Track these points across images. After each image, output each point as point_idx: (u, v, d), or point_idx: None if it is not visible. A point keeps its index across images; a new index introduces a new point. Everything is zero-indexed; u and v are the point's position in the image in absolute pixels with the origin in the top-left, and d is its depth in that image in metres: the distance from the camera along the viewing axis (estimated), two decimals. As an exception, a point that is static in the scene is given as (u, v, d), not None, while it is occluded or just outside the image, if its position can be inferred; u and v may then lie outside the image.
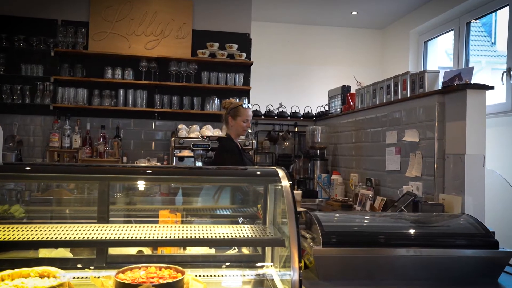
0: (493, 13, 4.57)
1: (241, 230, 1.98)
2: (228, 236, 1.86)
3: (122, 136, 4.81)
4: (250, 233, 1.94)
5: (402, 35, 5.75)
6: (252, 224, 2.42)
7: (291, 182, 2.01)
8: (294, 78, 6.01)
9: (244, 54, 4.97)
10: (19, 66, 4.61)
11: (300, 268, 1.72)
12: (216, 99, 4.94)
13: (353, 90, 4.48)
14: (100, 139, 4.61)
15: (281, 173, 2.07)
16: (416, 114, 3.01)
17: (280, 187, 2.06)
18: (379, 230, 2.00)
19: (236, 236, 1.87)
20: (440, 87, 2.85)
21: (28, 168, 1.93)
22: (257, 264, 2.09)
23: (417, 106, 3.01)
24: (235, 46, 4.98)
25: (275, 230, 2.11)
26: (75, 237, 1.66)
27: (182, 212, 2.56)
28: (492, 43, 5.79)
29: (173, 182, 2.47)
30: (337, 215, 2.43)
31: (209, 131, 4.64)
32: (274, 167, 2.14)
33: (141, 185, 2.28)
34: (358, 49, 6.25)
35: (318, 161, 4.52)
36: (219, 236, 1.85)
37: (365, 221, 2.15)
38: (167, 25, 4.93)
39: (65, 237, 1.66)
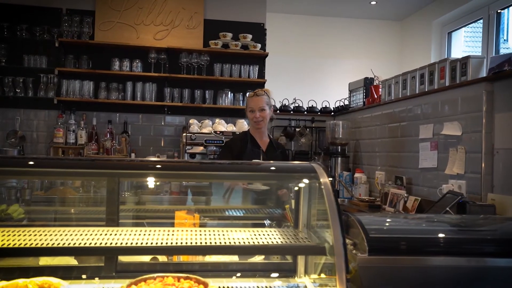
0: (506, 10, 4.31)
1: (270, 234, 1.72)
2: (257, 242, 1.59)
3: (130, 132, 4.61)
4: (281, 238, 1.68)
5: (424, 26, 5.49)
6: (279, 227, 2.16)
7: (331, 178, 1.75)
8: (309, 72, 5.74)
9: (259, 45, 4.74)
10: (21, 57, 4.39)
11: (348, 280, 1.46)
12: (229, 92, 4.71)
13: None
14: (107, 135, 4.42)
15: (318, 169, 1.80)
16: (458, 105, 2.72)
17: (316, 184, 1.80)
18: (435, 235, 1.71)
19: (266, 242, 1.60)
20: (485, 75, 2.56)
21: (29, 163, 1.67)
22: (288, 274, 1.82)
23: (458, 96, 2.71)
24: (250, 36, 4.73)
25: (310, 234, 1.85)
26: (80, 243, 1.41)
27: (201, 213, 2.31)
28: (505, 40, 5.54)
29: (194, 179, 2.18)
30: (380, 217, 2.15)
31: (222, 126, 4.42)
32: (308, 162, 1.88)
33: (155, 182, 2.01)
34: (376, 42, 6.01)
35: (339, 158, 4.24)
36: (248, 242, 1.58)
37: (415, 224, 1.86)
38: (177, 14, 4.69)
39: (69, 243, 1.41)
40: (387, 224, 1.89)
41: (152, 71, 4.55)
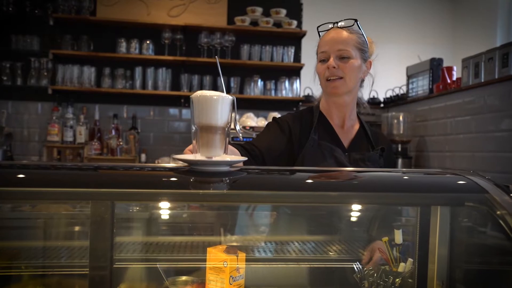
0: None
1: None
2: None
3: (139, 128, 4.05)
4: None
5: (486, 4, 4.73)
6: (377, 272, 1.34)
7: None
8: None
9: (295, 22, 4.07)
10: (8, 38, 3.87)
11: None
12: (258, 79, 4.08)
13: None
14: (111, 132, 3.87)
15: (489, 186, 0.99)
16: None
17: (485, 213, 1.00)
18: None
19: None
20: None
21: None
22: None
23: None
24: (283, 11, 4.08)
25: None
26: None
27: (247, 249, 1.52)
28: None
29: (231, 201, 1.32)
30: None
31: (252, 120, 3.78)
32: (462, 174, 1.06)
33: (170, 210, 1.24)
34: (425, 24, 5.31)
35: (399, 160, 3.43)
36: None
37: None
38: (196, -15, 4.10)
39: None
40: None
41: (166, 54, 3.99)
